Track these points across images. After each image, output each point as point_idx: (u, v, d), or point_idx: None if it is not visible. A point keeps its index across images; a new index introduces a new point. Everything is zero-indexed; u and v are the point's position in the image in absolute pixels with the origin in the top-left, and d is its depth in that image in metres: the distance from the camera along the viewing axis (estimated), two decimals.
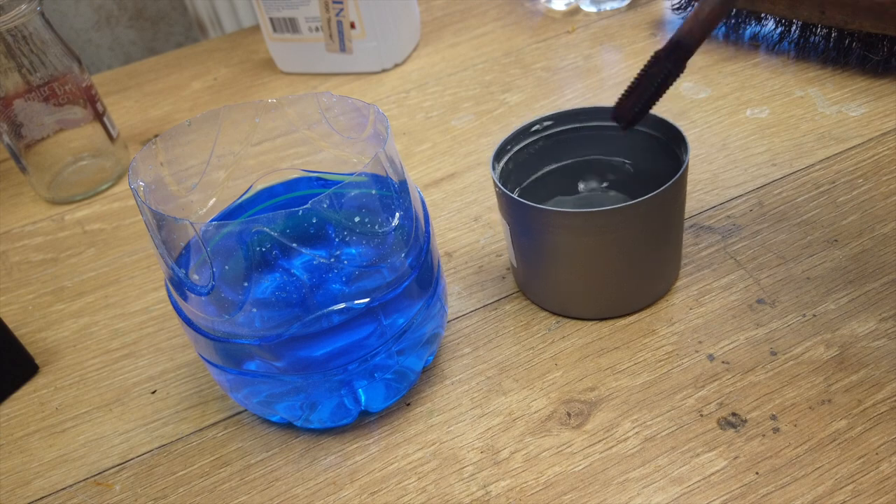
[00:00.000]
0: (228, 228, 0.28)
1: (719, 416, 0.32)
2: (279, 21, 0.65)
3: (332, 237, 0.29)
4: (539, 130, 0.40)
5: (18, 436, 0.38)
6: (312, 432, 0.35)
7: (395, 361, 0.33)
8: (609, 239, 0.34)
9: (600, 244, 0.34)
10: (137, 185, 0.31)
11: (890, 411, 0.31)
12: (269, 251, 0.28)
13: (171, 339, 0.42)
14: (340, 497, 0.32)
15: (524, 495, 0.30)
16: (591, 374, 0.35)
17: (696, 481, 0.30)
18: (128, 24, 1.37)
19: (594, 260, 0.35)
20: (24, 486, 0.35)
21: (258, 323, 0.29)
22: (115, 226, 0.53)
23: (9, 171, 0.63)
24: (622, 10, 0.67)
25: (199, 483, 0.34)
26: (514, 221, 0.36)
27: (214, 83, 0.70)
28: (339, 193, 0.28)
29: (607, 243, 0.34)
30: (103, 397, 0.39)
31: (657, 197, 0.33)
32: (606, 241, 0.34)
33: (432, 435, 0.34)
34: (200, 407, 0.37)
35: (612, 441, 0.32)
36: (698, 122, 0.51)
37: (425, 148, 0.54)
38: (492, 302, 0.40)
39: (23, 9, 0.50)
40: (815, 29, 0.53)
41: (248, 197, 0.36)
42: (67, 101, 0.54)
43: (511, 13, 0.71)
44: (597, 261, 0.35)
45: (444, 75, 0.63)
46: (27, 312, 0.47)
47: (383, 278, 0.30)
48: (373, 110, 0.32)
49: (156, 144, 0.33)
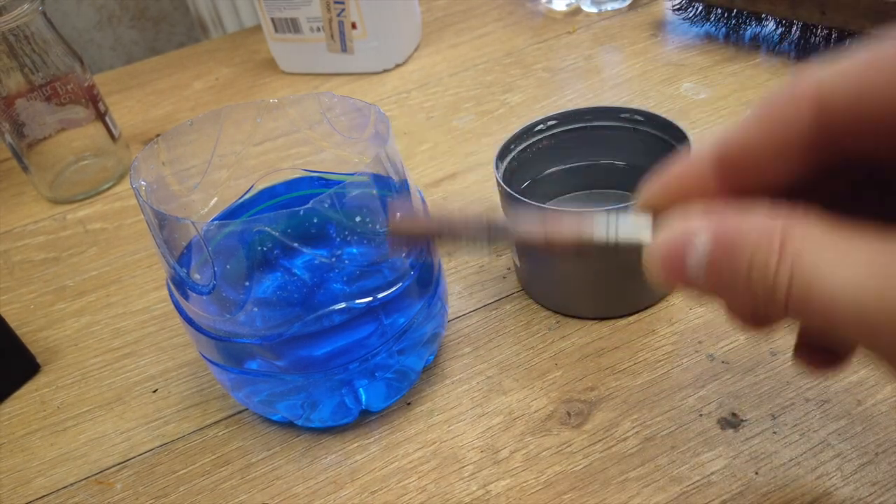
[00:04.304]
0: (230, 228, 0.28)
1: (719, 416, 0.32)
2: (281, 21, 0.65)
3: (334, 237, 0.29)
4: (543, 130, 0.40)
5: (20, 434, 0.38)
6: (313, 431, 0.35)
7: (395, 361, 0.33)
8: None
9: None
10: (139, 184, 0.31)
11: (889, 411, 0.31)
12: (270, 251, 0.28)
13: (173, 339, 0.42)
14: (341, 496, 0.32)
15: (524, 494, 0.31)
16: (591, 374, 0.35)
17: (696, 481, 0.30)
18: (129, 24, 1.37)
19: (596, 260, 0.35)
20: (26, 485, 0.35)
21: (259, 322, 0.29)
22: (116, 225, 0.53)
23: (11, 170, 0.63)
24: (623, 10, 0.67)
25: (200, 482, 0.34)
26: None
27: (216, 83, 0.71)
28: (340, 193, 0.28)
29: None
30: (104, 396, 0.39)
31: None
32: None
33: (433, 434, 0.34)
34: (201, 406, 0.37)
35: (611, 440, 0.32)
36: (699, 122, 0.51)
37: (426, 148, 0.54)
38: (492, 302, 0.40)
39: (25, 9, 0.50)
40: (816, 30, 0.54)
41: (250, 196, 0.36)
42: (69, 101, 0.55)
43: (512, 14, 0.71)
44: (599, 260, 0.35)
45: (445, 75, 0.63)
46: (29, 311, 0.47)
47: (384, 278, 0.31)
48: (374, 110, 0.32)
49: (157, 144, 0.33)
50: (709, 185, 0.19)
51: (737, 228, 0.17)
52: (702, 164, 0.19)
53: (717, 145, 0.19)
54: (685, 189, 0.19)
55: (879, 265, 0.15)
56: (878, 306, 0.15)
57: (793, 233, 0.16)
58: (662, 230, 0.18)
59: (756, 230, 0.17)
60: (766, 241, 0.16)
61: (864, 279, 0.15)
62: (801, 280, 0.16)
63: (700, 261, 0.17)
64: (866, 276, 0.15)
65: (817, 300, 0.16)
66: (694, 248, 0.17)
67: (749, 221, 0.17)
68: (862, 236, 0.16)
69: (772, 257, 0.16)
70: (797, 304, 0.16)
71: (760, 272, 0.16)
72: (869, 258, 0.15)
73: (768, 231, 0.16)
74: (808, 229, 0.16)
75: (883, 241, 0.15)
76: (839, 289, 0.15)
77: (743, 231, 0.17)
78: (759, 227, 0.17)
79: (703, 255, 0.17)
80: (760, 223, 0.17)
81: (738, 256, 0.17)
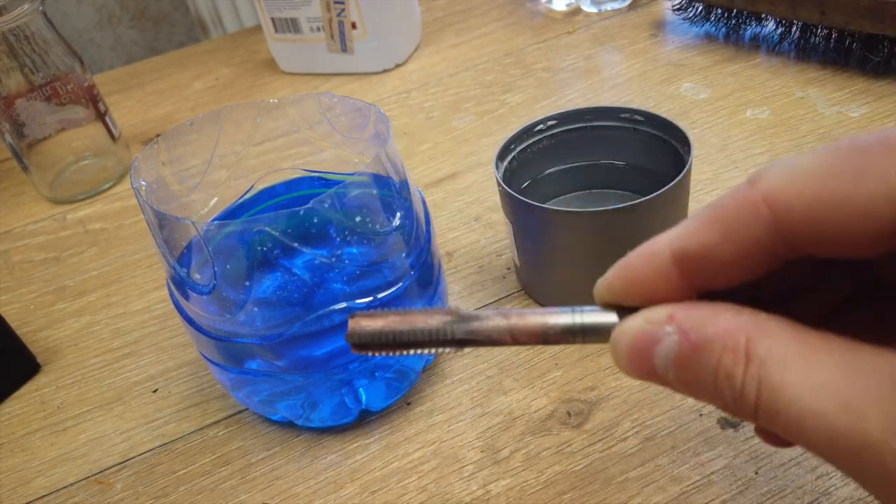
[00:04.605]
0: (230, 228, 0.28)
1: (719, 416, 0.32)
2: (281, 21, 0.65)
3: (334, 237, 0.29)
4: (543, 130, 0.40)
5: (20, 434, 0.38)
6: (313, 431, 0.35)
7: (395, 361, 0.33)
8: (612, 238, 0.34)
9: (603, 244, 0.34)
10: (139, 184, 0.31)
11: None
12: (270, 251, 0.28)
13: (173, 338, 0.42)
14: (341, 496, 0.32)
15: (524, 494, 0.31)
16: (591, 374, 0.35)
17: (696, 480, 0.30)
18: (129, 24, 1.37)
19: (597, 260, 0.35)
20: (26, 485, 0.35)
21: (259, 322, 0.29)
22: (116, 225, 0.53)
23: (11, 170, 0.63)
24: (623, 10, 0.67)
25: (200, 481, 0.34)
26: (517, 220, 0.36)
27: (216, 83, 0.71)
28: (340, 193, 0.28)
29: (610, 243, 0.34)
30: (104, 396, 0.39)
31: (660, 196, 0.33)
32: (609, 241, 0.34)
33: (433, 434, 0.34)
34: (202, 406, 0.37)
35: (611, 440, 0.32)
36: (699, 122, 0.51)
37: (426, 148, 0.54)
38: (492, 301, 0.40)
39: (25, 9, 0.50)
40: (816, 30, 0.54)
41: (250, 196, 0.36)
42: (69, 101, 0.55)
43: (512, 14, 0.71)
44: (599, 260, 0.35)
45: (445, 75, 0.63)
46: (29, 311, 0.47)
47: (384, 278, 0.31)
48: (374, 110, 0.33)
49: (157, 144, 0.33)
50: (671, 280, 0.18)
51: (703, 328, 0.17)
52: (662, 259, 0.18)
53: (672, 245, 0.18)
54: (648, 283, 0.19)
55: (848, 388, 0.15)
56: (849, 435, 0.14)
57: (757, 337, 0.16)
58: (629, 320, 0.18)
59: (721, 332, 0.16)
60: (732, 345, 0.16)
61: (833, 406, 0.15)
62: (769, 393, 0.15)
63: (668, 356, 0.17)
64: (835, 403, 0.15)
65: (786, 418, 0.15)
66: (661, 342, 0.17)
67: (716, 321, 0.17)
68: (828, 348, 0.15)
69: (738, 365, 0.16)
70: (766, 416, 0.16)
71: (727, 378, 0.16)
72: (834, 369, 0.15)
73: (733, 333, 0.16)
74: (773, 334, 0.16)
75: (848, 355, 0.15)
76: (808, 412, 0.15)
77: (709, 332, 0.16)
78: (723, 329, 0.16)
79: (672, 351, 0.17)
80: (725, 324, 0.16)
81: (706, 359, 0.16)
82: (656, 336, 0.17)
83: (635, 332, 0.18)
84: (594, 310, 0.20)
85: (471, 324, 0.20)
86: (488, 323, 0.20)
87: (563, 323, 0.20)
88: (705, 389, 0.17)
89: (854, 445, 0.14)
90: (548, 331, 0.20)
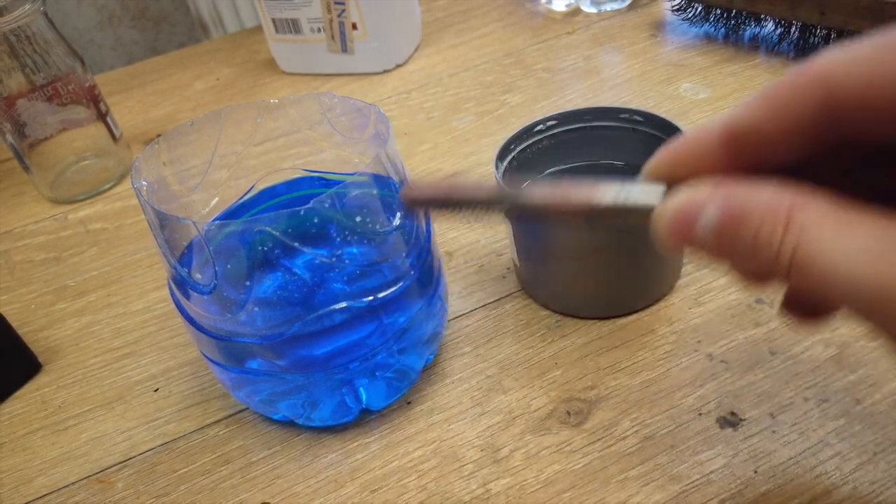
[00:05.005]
0: (231, 228, 0.28)
1: (718, 415, 0.32)
2: (281, 22, 0.65)
3: (334, 237, 0.29)
4: (543, 130, 0.40)
5: (21, 434, 0.38)
6: (314, 430, 0.35)
7: (395, 360, 0.33)
8: (612, 238, 0.34)
9: (603, 244, 0.34)
10: (140, 184, 0.31)
11: (888, 410, 0.31)
12: (270, 250, 0.28)
13: (173, 338, 0.42)
14: (341, 495, 0.32)
15: (524, 493, 0.31)
16: (590, 373, 0.35)
17: (695, 480, 0.30)
18: (130, 25, 1.37)
19: (596, 259, 0.35)
20: (27, 484, 0.35)
21: (260, 322, 0.30)
22: (117, 225, 0.54)
23: (12, 170, 0.63)
24: (622, 11, 0.67)
25: (200, 481, 0.34)
26: (517, 220, 0.36)
27: (217, 83, 0.71)
28: (340, 193, 0.28)
29: (610, 243, 0.34)
30: (105, 395, 0.39)
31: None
32: (609, 241, 0.34)
33: (433, 433, 0.34)
34: (202, 405, 0.38)
35: (611, 439, 0.32)
36: (698, 122, 0.51)
37: (426, 148, 0.55)
38: (492, 301, 0.40)
39: (26, 9, 0.50)
40: (815, 30, 0.54)
41: (251, 196, 0.36)
42: (70, 101, 0.55)
43: (512, 14, 0.71)
44: (599, 260, 0.35)
45: (446, 76, 0.63)
46: (30, 311, 0.47)
47: (384, 277, 0.31)
48: (374, 111, 0.33)
49: (158, 144, 0.33)
50: (717, 160, 0.20)
51: (746, 200, 0.18)
52: (711, 138, 0.20)
53: (725, 123, 0.19)
54: (695, 161, 0.20)
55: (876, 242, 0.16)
56: (871, 281, 0.16)
57: (799, 208, 0.17)
58: (672, 196, 0.19)
59: (764, 203, 0.18)
60: (773, 215, 0.17)
61: (860, 255, 0.16)
62: (804, 252, 0.17)
63: (708, 227, 0.18)
64: (862, 253, 0.16)
65: (817, 272, 0.17)
66: (703, 215, 0.18)
67: (758, 195, 0.18)
68: (862, 215, 0.17)
69: (778, 230, 0.17)
70: (798, 273, 0.17)
71: (766, 242, 0.18)
72: (866, 236, 0.16)
73: (776, 205, 0.18)
74: (813, 206, 0.17)
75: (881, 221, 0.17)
76: (838, 263, 0.17)
77: (752, 203, 0.18)
78: (767, 201, 0.18)
79: (712, 222, 0.18)
80: (769, 197, 0.18)
81: (745, 227, 0.18)
82: (700, 204, 0.19)
83: (678, 205, 0.19)
84: (641, 185, 0.20)
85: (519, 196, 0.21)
86: (536, 196, 0.21)
87: (611, 195, 0.20)
88: (742, 255, 0.18)
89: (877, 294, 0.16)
90: (594, 205, 0.20)
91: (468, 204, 0.21)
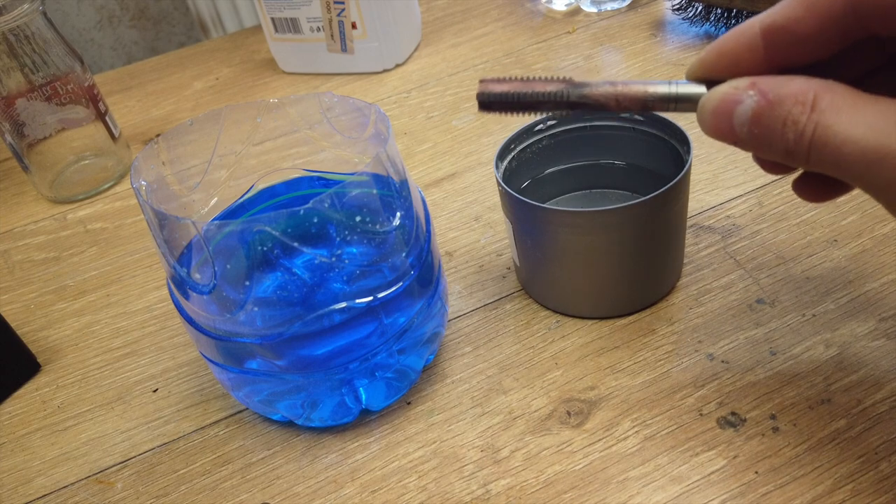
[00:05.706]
0: (230, 228, 0.28)
1: (719, 416, 0.32)
2: (281, 21, 0.65)
3: (334, 236, 0.29)
4: (543, 130, 0.40)
5: (20, 434, 0.38)
6: (313, 431, 0.35)
7: (395, 360, 0.33)
8: (612, 238, 0.34)
9: (603, 243, 0.34)
10: (139, 184, 0.31)
11: (889, 411, 0.31)
12: (270, 250, 0.28)
13: (173, 338, 0.42)
14: (341, 495, 0.32)
15: (524, 494, 0.31)
16: (591, 374, 0.35)
17: (696, 480, 0.30)
18: (130, 24, 1.37)
19: (596, 259, 0.35)
20: (26, 485, 0.35)
21: (259, 322, 0.30)
22: (116, 225, 0.53)
23: (11, 170, 0.63)
24: (622, 10, 0.67)
25: (200, 481, 0.34)
26: (517, 220, 0.36)
27: (216, 83, 0.71)
28: (340, 193, 0.28)
29: (610, 243, 0.34)
30: (105, 396, 0.39)
31: (660, 196, 0.33)
32: (609, 241, 0.34)
33: (433, 434, 0.34)
34: (202, 405, 0.38)
35: (611, 440, 0.32)
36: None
37: (426, 148, 0.54)
38: (492, 301, 0.40)
39: (25, 8, 0.50)
40: None
41: (250, 196, 0.36)
42: (70, 101, 0.55)
43: (512, 14, 0.71)
44: (599, 260, 0.35)
45: (445, 75, 0.63)
46: (29, 311, 0.47)
47: (384, 277, 0.31)
48: (374, 110, 0.33)
49: (158, 144, 0.33)
50: (757, 56, 0.23)
51: (780, 87, 0.21)
52: (753, 32, 0.23)
53: (763, 20, 0.22)
54: (736, 56, 0.23)
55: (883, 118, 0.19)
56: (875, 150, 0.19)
57: (823, 93, 0.20)
58: (717, 87, 0.23)
59: (794, 90, 0.21)
60: (801, 100, 0.21)
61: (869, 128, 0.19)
62: (823, 128, 0.20)
63: (746, 114, 0.22)
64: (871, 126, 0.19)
65: (831, 146, 0.20)
66: (742, 103, 0.22)
67: (789, 84, 0.21)
68: (876, 99, 0.20)
69: (803, 114, 0.21)
70: (816, 151, 0.20)
71: (793, 124, 0.21)
72: (876, 112, 0.20)
73: (805, 90, 0.21)
74: (835, 92, 0.20)
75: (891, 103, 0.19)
76: (850, 134, 0.20)
77: (784, 90, 0.21)
78: (797, 88, 0.21)
79: (750, 108, 0.22)
80: (798, 85, 0.21)
81: (777, 110, 0.21)
82: (739, 97, 0.22)
83: (721, 95, 0.22)
84: (687, 83, 0.24)
85: (583, 89, 0.24)
86: (598, 89, 0.24)
87: (662, 91, 0.24)
88: (771, 140, 0.22)
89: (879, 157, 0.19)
90: (648, 97, 0.24)
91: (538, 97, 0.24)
